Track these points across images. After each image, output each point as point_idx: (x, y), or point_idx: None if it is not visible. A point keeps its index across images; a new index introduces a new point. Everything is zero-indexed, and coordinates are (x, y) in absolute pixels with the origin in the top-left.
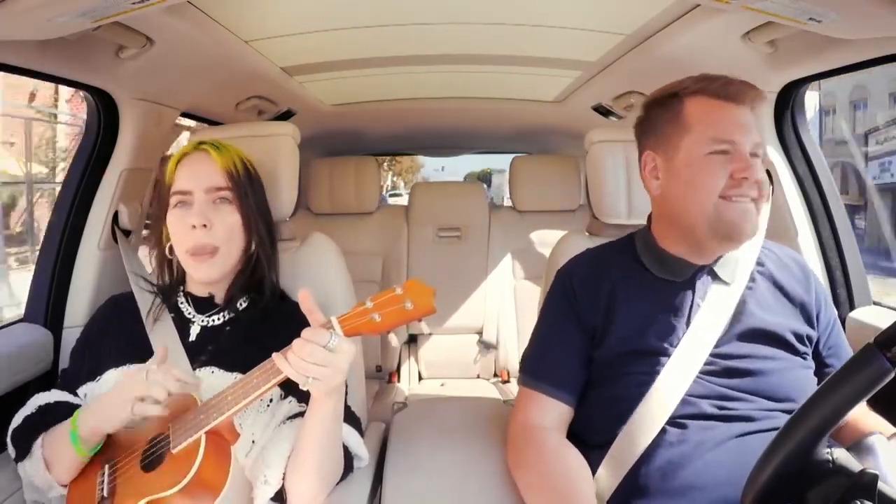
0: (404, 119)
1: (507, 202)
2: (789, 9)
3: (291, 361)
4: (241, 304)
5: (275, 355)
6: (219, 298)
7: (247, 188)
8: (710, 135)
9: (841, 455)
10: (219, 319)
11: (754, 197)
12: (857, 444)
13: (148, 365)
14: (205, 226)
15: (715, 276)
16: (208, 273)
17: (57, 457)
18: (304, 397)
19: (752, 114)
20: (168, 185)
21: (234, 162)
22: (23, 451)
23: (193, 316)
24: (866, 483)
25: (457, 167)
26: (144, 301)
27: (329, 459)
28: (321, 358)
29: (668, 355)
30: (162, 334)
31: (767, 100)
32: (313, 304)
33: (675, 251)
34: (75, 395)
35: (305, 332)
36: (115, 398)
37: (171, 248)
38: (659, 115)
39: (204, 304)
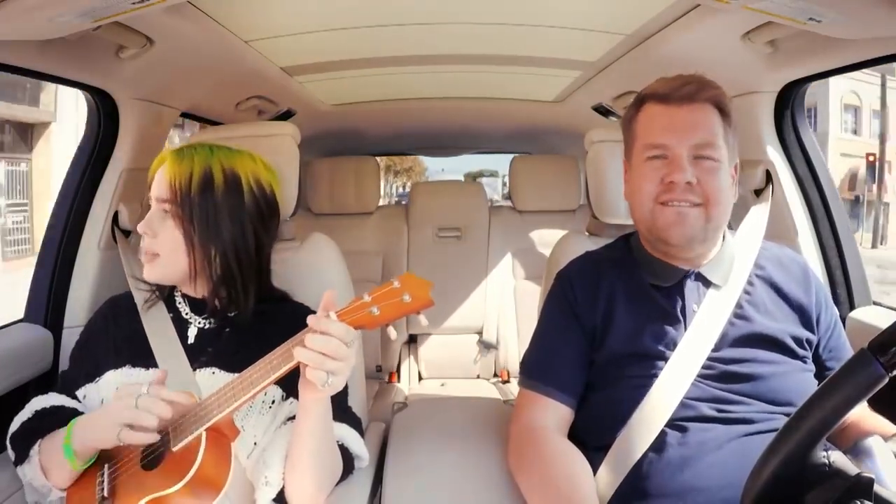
0: (404, 119)
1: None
2: (789, 9)
3: (309, 359)
4: (231, 312)
5: (296, 350)
6: (210, 301)
7: (194, 203)
8: (646, 141)
9: (838, 458)
10: (214, 321)
11: (696, 202)
12: (855, 447)
13: (139, 389)
14: (147, 233)
15: (706, 281)
16: (151, 274)
17: (53, 465)
18: None
19: (709, 111)
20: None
21: (192, 172)
22: (21, 457)
23: (191, 317)
24: (863, 486)
25: (458, 168)
26: (143, 302)
27: (325, 459)
28: (339, 351)
29: (666, 359)
30: (161, 335)
31: (725, 94)
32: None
33: (657, 254)
34: (74, 397)
35: (319, 325)
36: (104, 420)
37: None
38: (623, 126)
39: (200, 306)
